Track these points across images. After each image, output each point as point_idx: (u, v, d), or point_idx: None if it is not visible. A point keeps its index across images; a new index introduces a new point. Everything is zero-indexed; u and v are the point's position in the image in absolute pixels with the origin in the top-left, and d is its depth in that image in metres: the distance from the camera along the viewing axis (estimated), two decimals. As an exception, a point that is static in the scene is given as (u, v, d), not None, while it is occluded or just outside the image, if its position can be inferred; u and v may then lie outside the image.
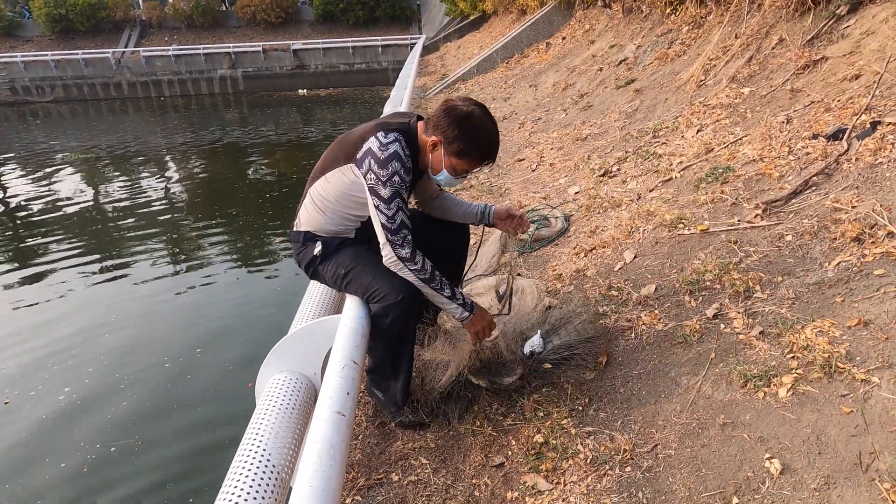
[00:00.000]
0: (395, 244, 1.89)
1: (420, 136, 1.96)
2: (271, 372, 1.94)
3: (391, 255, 1.91)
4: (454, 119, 1.87)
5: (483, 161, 1.96)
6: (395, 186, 1.84)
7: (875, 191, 2.54)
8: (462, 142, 1.88)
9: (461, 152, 1.90)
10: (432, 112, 1.96)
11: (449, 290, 2.00)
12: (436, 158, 1.95)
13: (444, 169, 1.96)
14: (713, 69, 5.27)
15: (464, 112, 1.87)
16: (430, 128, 1.93)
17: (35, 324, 5.52)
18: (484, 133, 1.90)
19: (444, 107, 1.91)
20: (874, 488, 1.42)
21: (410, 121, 1.97)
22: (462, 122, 1.87)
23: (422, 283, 1.95)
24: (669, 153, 4.19)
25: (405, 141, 1.87)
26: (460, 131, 1.87)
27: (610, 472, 1.79)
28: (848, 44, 3.96)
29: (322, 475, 1.23)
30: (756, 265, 2.45)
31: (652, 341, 2.29)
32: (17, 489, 3.43)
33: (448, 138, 1.88)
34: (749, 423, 1.75)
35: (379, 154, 1.82)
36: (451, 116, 1.87)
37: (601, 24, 10.18)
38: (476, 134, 1.89)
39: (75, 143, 15.84)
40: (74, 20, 27.76)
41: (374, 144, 1.84)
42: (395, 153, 1.83)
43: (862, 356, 1.78)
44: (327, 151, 2.04)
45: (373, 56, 27.17)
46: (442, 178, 2.00)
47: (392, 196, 1.84)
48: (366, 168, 1.84)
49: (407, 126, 1.93)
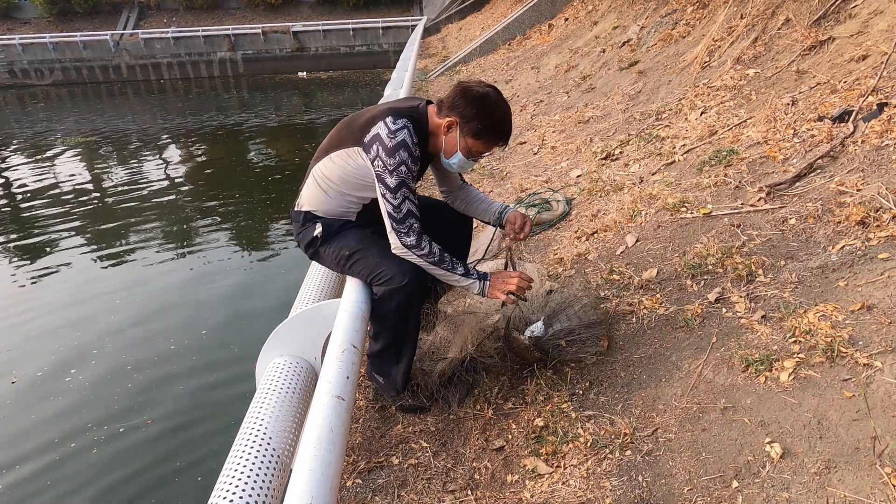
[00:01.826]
0: (401, 233, 1.89)
1: (431, 118, 1.94)
2: (271, 356, 1.93)
3: (398, 245, 1.92)
4: (471, 99, 1.86)
5: (498, 142, 1.95)
6: (401, 176, 1.83)
7: (881, 174, 2.51)
8: (479, 121, 1.87)
9: (478, 132, 1.89)
10: (445, 94, 1.94)
11: (462, 268, 1.99)
12: (450, 140, 1.93)
13: (459, 150, 1.94)
14: (718, 50, 5.20)
15: (480, 93, 1.88)
16: (444, 109, 1.91)
17: (39, 306, 5.54)
18: (500, 113, 1.91)
19: (460, 88, 1.90)
20: (875, 472, 1.42)
21: (420, 105, 1.95)
22: (479, 102, 1.86)
23: (432, 265, 1.95)
24: (672, 136, 4.15)
25: (414, 127, 1.86)
26: (478, 111, 1.86)
27: (610, 456, 1.79)
28: (855, 24, 3.89)
29: (322, 459, 1.23)
30: (759, 249, 2.44)
31: (653, 325, 2.28)
32: (26, 470, 3.46)
33: (465, 118, 1.87)
34: (750, 408, 1.75)
35: (387, 141, 1.81)
36: (468, 97, 1.87)
37: (604, 4, 10.05)
38: (493, 114, 1.89)
39: (75, 127, 15.75)
40: (72, 2, 27.48)
41: (382, 130, 1.82)
42: (403, 141, 1.82)
43: (865, 340, 1.77)
44: (333, 132, 2.03)
45: (373, 38, 26.87)
46: (455, 161, 1.98)
47: (398, 185, 1.84)
48: (374, 154, 1.84)
49: (416, 110, 1.92)
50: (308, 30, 26.83)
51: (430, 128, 1.94)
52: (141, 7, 29.46)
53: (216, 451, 3.41)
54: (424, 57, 16.49)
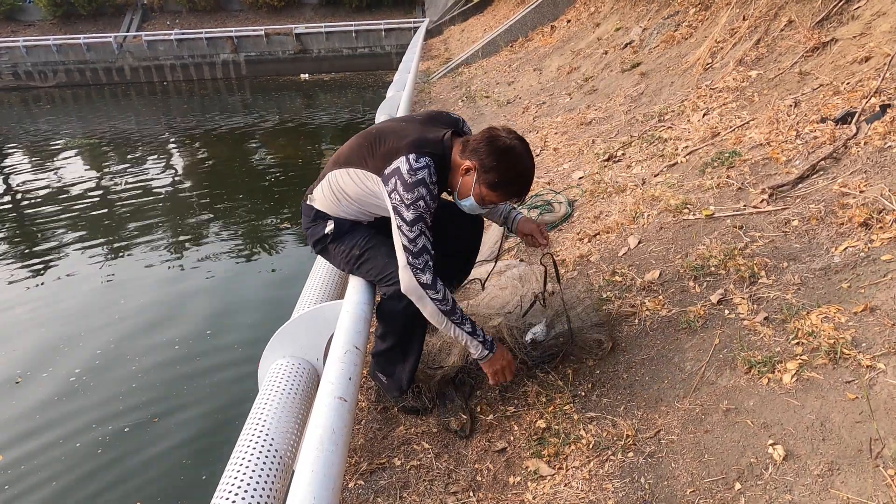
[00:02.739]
0: (416, 268, 1.81)
1: (454, 156, 1.89)
2: (274, 357, 1.94)
3: (411, 281, 1.82)
4: (495, 150, 1.81)
5: (511, 197, 1.91)
6: (419, 210, 1.77)
7: (883, 175, 2.50)
8: (497, 174, 1.82)
9: (494, 184, 1.84)
10: (473, 136, 1.90)
11: (469, 325, 1.93)
12: (465, 183, 1.88)
13: (472, 196, 1.90)
14: (720, 52, 5.20)
15: (506, 145, 1.82)
16: (467, 151, 1.86)
17: (43, 307, 5.55)
18: (521, 170, 1.86)
19: (488, 135, 1.85)
20: (878, 474, 1.41)
21: (445, 136, 1.89)
22: (502, 154, 1.81)
23: (442, 314, 1.86)
24: (675, 137, 4.14)
25: (435, 165, 1.81)
26: (498, 163, 1.81)
27: (612, 458, 1.79)
28: (858, 25, 3.89)
29: (324, 460, 1.24)
30: (761, 250, 2.43)
31: (656, 327, 2.28)
32: (30, 469, 3.48)
33: (484, 167, 1.82)
34: (753, 409, 1.75)
35: (407, 178, 1.76)
36: (492, 146, 1.81)
37: (606, 6, 10.05)
38: (513, 170, 1.84)
39: (78, 129, 15.79)
40: (76, 4, 27.52)
41: (403, 166, 1.77)
42: (422, 180, 1.76)
43: (868, 342, 1.77)
44: (355, 143, 1.97)
45: (376, 40, 26.88)
46: (466, 205, 1.94)
47: (416, 220, 1.78)
48: (391, 187, 1.78)
49: (441, 144, 1.86)
50: (311, 32, 26.86)
51: (452, 163, 1.89)
52: (144, 9, 29.53)
53: (221, 450, 3.42)
54: (427, 59, 16.51)
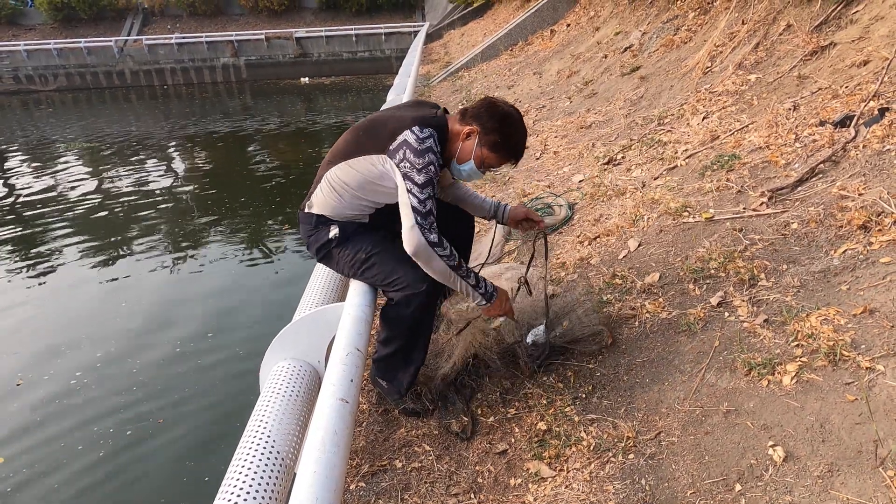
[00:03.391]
0: (424, 227, 1.86)
1: (452, 126, 2.00)
2: (275, 359, 1.94)
3: (420, 239, 1.86)
4: (495, 113, 1.96)
5: (510, 159, 2.03)
6: (430, 174, 1.86)
7: (882, 178, 2.52)
8: (499, 135, 1.95)
9: (495, 145, 1.96)
10: (471, 104, 2.03)
11: (474, 278, 2.01)
12: (466, 147, 1.99)
13: (472, 159, 1.99)
14: (719, 56, 5.21)
15: (505, 110, 1.98)
16: (467, 117, 1.98)
17: (44, 309, 5.56)
18: (519, 133, 2.01)
19: (487, 101, 2.00)
20: (878, 476, 1.42)
21: (437, 112, 2.03)
22: (502, 118, 1.96)
23: (451, 269, 1.93)
24: (675, 141, 4.16)
25: (437, 137, 1.91)
26: (500, 125, 1.95)
27: (613, 460, 1.80)
28: (856, 29, 3.91)
29: (326, 462, 1.24)
30: (761, 253, 2.44)
31: (656, 329, 2.29)
32: (32, 471, 3.47)
33: (486, 129, 1.95)
34: (753, 411, 1.75)
35: (416, 145, 1.85)
36: (493, 110, 1.97)
37: (606, 10, 10.08)
38: (513, 131, 1.98)
39: (79, 132, 15.81)
40: (77, 8, 27.60)
41: (410, 137, 1.86)
42: (430, 147, 1.86)
43: (867, 344, 1.78)
44: (350, 137, 2.04)
45: (376, 44, 26.95)
46: (466, 168, 2.02)
47: (426, 182, 1.86)
48: (400, 157, 1.86)
49: (437, 119, 1.97)
50: (311, 36, 26.92)
51: (450, 133, 2.00)
52: (145, 13, 29.61)
53: (223, 451, 3.42)
54: (427, 63, 16.55)
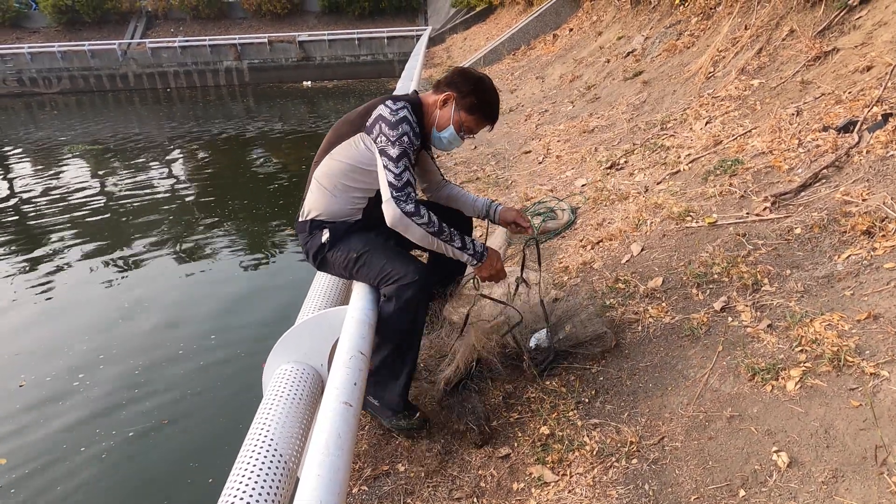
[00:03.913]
0: (399, 199, 1.88)
1: (426, 100, 2.07)
2: (278, 362, 1.94)
3: (395, 211, 1.88)
4: (469, 78, 2.04)
5: (488, 120, 2.10)
6: (404, 146, 1.89)
7: (886, 184, 2.51)
8: (475, 97, 2.02)
9: (472, 107, 2.03)
10: (443, 76, 2.11)
11: (459, 240, 2.01)
12: (444, 115, 2.05)
13: (451, 125, 2.05)
14: (722, 61, 5.22)
15: (477, 74, 2.08)
16: (441, 87, 2.06)
17: (46, 310, 5.57)
18: (493, 94, 2.08)
19: (458, 69, 2.10)
20: (883, 482, 1.41)
21: (412, 91, 2.11)
22: (476, 81, 2.04)
23: (432, 236, 1.94)
24: (677, 145, 4.16)
25: (412, 108, 1.96)
26: (475, 88, 2.03)
27: (616, 465, 1.79)
28: (860, 35, 3.91)
29: (330, 465, 1.24)
30: (764, 258, 2.44)
31: (659, 334, 2.28)
32: (34, 472, 3.47)
33: (462, 93, 2.02)
34: (756, 416, 1.75)
35: (390, 118, 1.90)
36: (466, 76, 2.05)
37: (609, 15, 10.10)
38: (487, 93, 2.06)
39: (82, 135, 15.84)
40: (81, 11, 27.72)
41: (384, 111, 1.91)
42: (405, 118, 1.91)
43: (871, 350, 1.77)
44: (330, 133, 2.10)
45: (378, 48, 27.00)
46: (446, 135, 2.07)
47: (401, 155, 1.89)
48: (377, 132, 1.91)
49: (410, 96, 2.04)
50: (314, 39, 26.98)
51: (424, 106, 2.06)
52: (148, 17, 29.71)
53: (226, 453, 3.41)
54: (429, 66, 16.58)
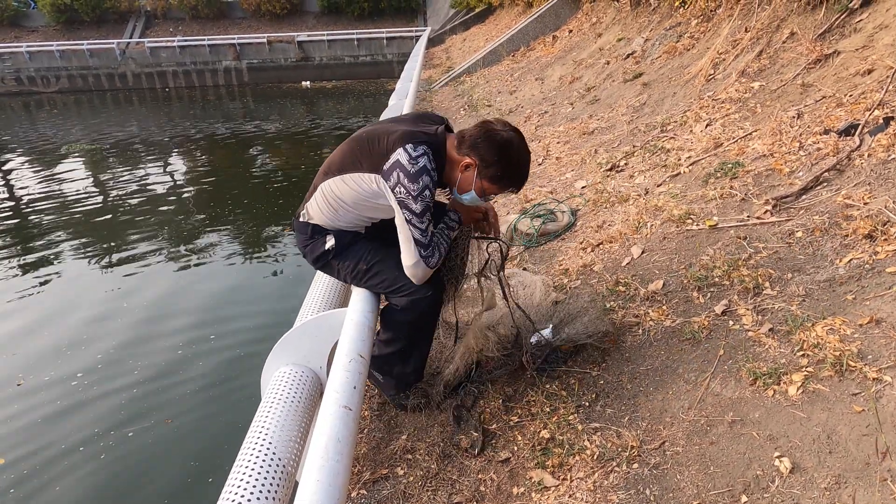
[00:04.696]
0: (428, 258, 1.90)
1: (449, 151, 1.92)
2: (277, 365, 1.93)
3: (425, 271, 1.92)
4: (493, 145, 1.86)
5: (512, 187, 1.96)
6: (426, 201, 1.82)
7: (888, 187, 2.51)
8: (499, 168, 1.88)
9: (495, 178, 1.90)
10: (468, 131, 1.93)
11: (450, 231, 2.05)
12: (466, 179, 1.93)
13: (473, 190, 1.94)
14: (722, 63, 5.22)
15: (504, 139, 1.86)
16: (464, 147, 1.89)
17: (44, 310, 5.55)
18: (521, 163, 1.92)
19: (484, 130, 1.88)
20: (886, 488, 1.40)
21: (438, 130, 1.92)
22: (502, 149, 1.86)
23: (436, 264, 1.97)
24: (678, 148, 4.15)
25: (433, 153, 1.84)
26: (499, 158, 1.86)
27: (617, 469, 1.78)
28: (860, 38, 3.91)
29: (329, 469, 1.23)
30: (765, 261, 2.43)
31: (659, 337, 2.27)
32: (32, 471, 3.45)
33: (486, 163, 1.87)
34: (758, 421, 1.74)
35: (409, 168, 1.78)
36: (491, 142, 1.86)
37: (608, 16, 10.10)
38: (514, 163, 1.90)
39: (80, 134, 15.81)
40: (79, 10, 27.68)
41: (403, 157, 1.78)
42: (424, 168, 1.79)
43: (874, 354, 1.76)
44: (346, 149, 1.97)
45: (378, 48, 27.01)
46: (467, 199, 1.99)
47: (424, 210, 1.83)
48: (394, 181, 1.80)
49: (434, 137, 1.88)
50: (313, 40, 26.98)
51: (447, 157, 1.92)
52: (147, 16, 29.68)
53: (228, 453, 3.40)
54: (428, 67, 16.58)
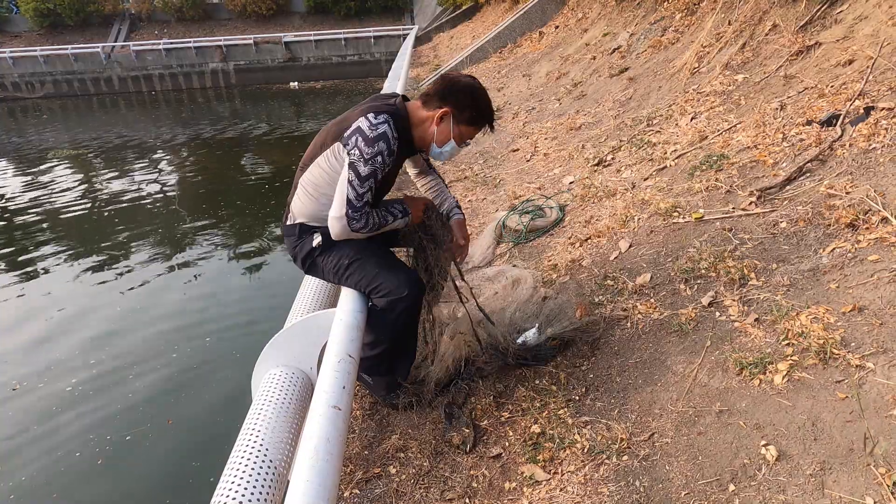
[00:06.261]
0: (353, 219, 1.92)
1: (415, 112, 1.99)
2: (267, 366, 1.93)
3: (344, 228, 1.94)
4: (462, 89, 1.96)
5: (486, 125, 2.05)
6: (375, 166, 1.87)
7: (869, 176, 2.54)
8: (473, 109, 1.98)
9: (472, 119, 1.99)
10: (431, 88, 2.00)
11: (391, 217, 2.04)
12: (442, 130, 1.99)
13: (452, 139, 2.00)
14: (706, 56, 5.25)
15: (469, 83, 1.99)
16: (434, 101, 1.97)
17: (39, 315, 5.54)
18: (487, 99, 2.02)
19: (449, 80, 1.99)
20: (869, 473, 1.43)
21: (395, 101, 1.99)
22: (471, 92, 1.97)
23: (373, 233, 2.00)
24: (663, 141, 4.18)
25: (394, 123, 1.89)
26: (471, 100, 1.97)
27: (607, 462, 1.80)
28: (841, 29, 3.94)
29: (319, 470, 1.23)
30: (751, 252, 2.46)
31: (648, 330, 2.29)
32: (31, 479, 3.44)
33: (460, 107, 1.96)
34: (745, 411, 1.76)
35: (368, 132, 1.84)
36: (458, 87, 1.96)
37: (594, 12, 10.13)
38: (483, 101, 2.00)
39: (67, 140, 15.68)
40: (63, 14, 27.44)
41: (363, 123, 1.86)
42: (384, 133, 1.85)
43: (857, 342, 1.79)
44: (317, 138, 2.06)
45: (365, 47, 26.94)
46: (447, 149, 2.03)
47: (369, 175, 1.87)
48: (352, 144, 1.86)
49: (395, 108, 1.94)
50: (300, 40, 26.87)
51: (414, 121, 1.99)
52: (132, 19, 29.45)
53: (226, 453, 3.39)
54: (416, 65, 16.56)
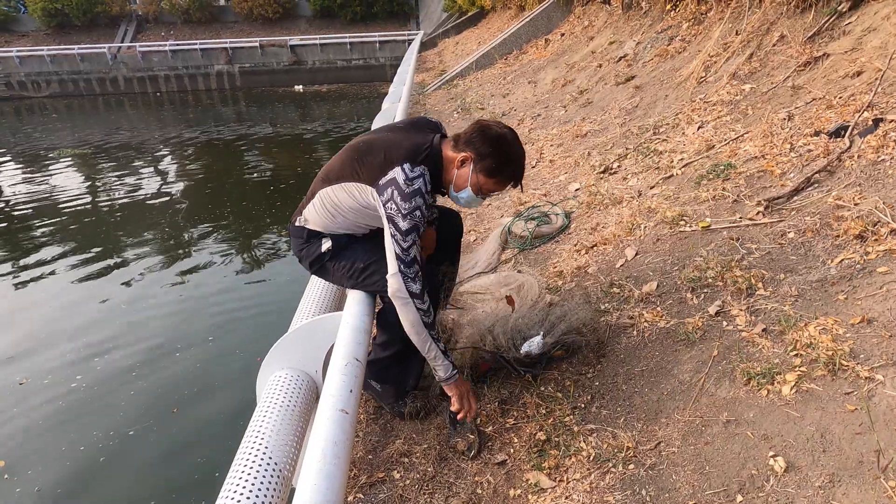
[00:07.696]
0: (408, 277, 1.84)
1: (445, 152, 1.94)
2: (272, 369, 1.92)
3: (401, 289, 1.84)
4: (487, 137, 1.88)
5: (509, 182, 1.95)
6: (415, 220, 1.80)
7: (878, 188, 2.53)
8: (493, 160, 1.88)
9: (491, 170, 1.89)
10: (463, 130, 1.95)
11: (442, 345, 1.96)
12: (462, 175, 1.92)
13: (469, 186, 1.93)
14: (714, 66, 5.25)
15: (497, 132, 1.90)
16: (460, 144, 1.91)
17: (44, 312, 5.56)
18: (515, 155, 1.92)
19: (478, 126, 1.92)
20: (879, 486, 1.41)
21: (434, 139, 1.94)
22: (495, 141, 1.88)
23: (423, 325, 1.89)
24: (670, 150, 4.18)
25: (430, 173, 1.85)
26: (493, 149, 1.88)
27: (613, 470, 1.79)
28: (849, 40, 3.95)
29: (326, 474, 1.22)
30: (758, 262, 2.45)
31: (654, 338, 2.28)
32: (36, 475, 3.44)
33: (480, 155, 1.88)
34: (753, 421, 1.75)
35: (404, 187, 1.78)
36: (486, 135, 1.89)
37: (600, 20, 10.16)
38: (507, 154, 1.90)
39: (71, 139, 15.72)
40: (70, 14, 27.62)
41: (399, 176, 1.79)
42: (419, 190, 1.80)
43: (866, 354, 1.78)
44: (345, 157, 1.97)
45: (370, 52, 27.05)
46: (464, 196, 1.96)
47: (410, 229, 1.81)
48: (387, 196, 1.80)
49: (432, 148, 1.90)
50: (305, 43, 27.00)
51: (444, 161, 1.93)
52: (139, 20, 29.62)
53: (229, 451, 3.38)
54: (421, 71, 16.61)
